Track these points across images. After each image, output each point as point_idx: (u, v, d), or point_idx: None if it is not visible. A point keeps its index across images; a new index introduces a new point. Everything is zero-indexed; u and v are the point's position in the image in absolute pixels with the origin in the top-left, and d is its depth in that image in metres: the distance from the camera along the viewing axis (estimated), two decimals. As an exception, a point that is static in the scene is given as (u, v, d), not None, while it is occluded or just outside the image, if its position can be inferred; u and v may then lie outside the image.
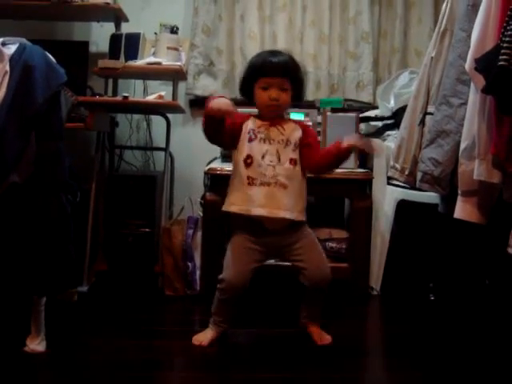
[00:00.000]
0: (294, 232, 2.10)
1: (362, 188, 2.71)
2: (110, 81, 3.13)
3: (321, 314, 2.22)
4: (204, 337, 2.11)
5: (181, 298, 2.70)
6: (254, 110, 2.15)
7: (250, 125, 2.08)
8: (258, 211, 2.02)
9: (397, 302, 2.73)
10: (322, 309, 2.21)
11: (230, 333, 2.17)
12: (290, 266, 2.40)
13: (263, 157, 2.03)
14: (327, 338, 2.16)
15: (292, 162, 2.06)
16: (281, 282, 2.78)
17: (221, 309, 2.13)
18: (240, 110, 2.73)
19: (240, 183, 2.05)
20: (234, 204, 2.07)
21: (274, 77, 2.02)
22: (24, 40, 1.87)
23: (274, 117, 2.09)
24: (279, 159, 2.04)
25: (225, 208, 2.10)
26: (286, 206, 2.04)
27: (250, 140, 2.05)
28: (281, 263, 2.54)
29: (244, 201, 2.04)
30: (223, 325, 2.14)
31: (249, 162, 2.03)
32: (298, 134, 2.10)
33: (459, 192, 1.96)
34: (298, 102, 2.17)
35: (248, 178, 2.03)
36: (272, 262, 2.53)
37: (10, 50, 1.79)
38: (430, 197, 2.52)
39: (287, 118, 2.16)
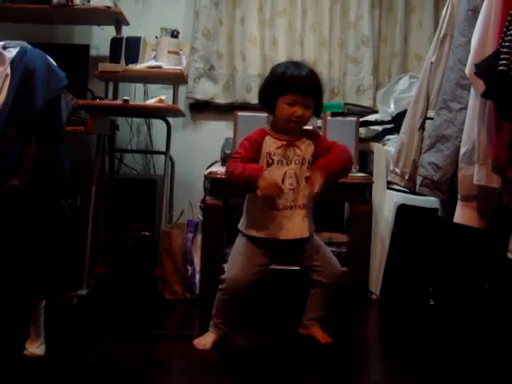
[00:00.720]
0: (303, 240, 2.12)
1: (361, 192, 2.71)
2: (111, 84, 3.13)
3: (322, 320, 2.23)
4: (206, 340, 2.11)
5: (180, 302, 2.69)
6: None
7: (267, 147, 2.05)
8: (284, 236, 2.06)
9: (396, 306, 2.73)
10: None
11: (229, 337, 2.17)
12: (290, 271, 2.41)
13: (283, 181, 2.03)
14: (330, 339, 2.19)
15: (308, 180, 2.06)
16: (281, 287, 2.78)
17: (221, 310, 2.13)
18: (241, 114, 2.77)
19: (262, 208, 2.06)
20: (260, 230, 2.06)
21: (302, 95, 1.99)
22: (25, 43, 1.88)
23: (291, 133, 2.07)
24: (298, 181, 2.05)
25: (250, 233, 2.09)
26: (307, 224, 2.10)
27: (268, 165, 2.04)
28: (281, 267, 2.55)
29: (269, 227, 2.05)
30: (223, 327, 2.14)
31: None
32: (311, 149, 2.09)
33: (459, 196, 1.96)
34: (316, 116, 2.22)
35: (270, 203, 2.04)
36: (272, 266, 2.54)
37: (11, 53, 1.80)
38: (430, 201, 2.52)
39: (303, 134, 2.11)
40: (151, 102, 2.90)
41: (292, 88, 1.98)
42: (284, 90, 1.99)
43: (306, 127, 2.12)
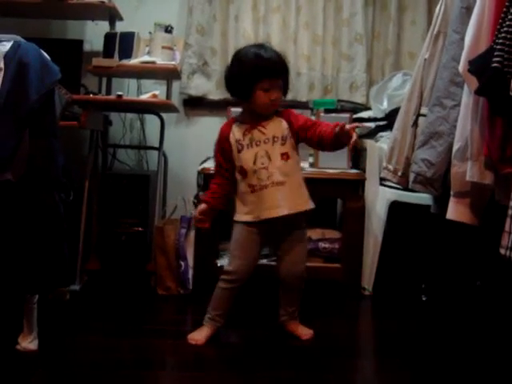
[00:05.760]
0: (294, 221, 2.14)
1: (354, 189, 2.72)
2: (104, 79, 3.13)
3: (298, 312, 2.25)
4: (200, 335, 2.12)
5: (173, 298, 2.70)
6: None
7: (235, 135, 2.12)
8: (266, 214, 2.08)
9: (389, 303, 2.74)
10: (300, 308, 2.25)
11: (222, 332, 2.18)
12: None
13: (255, 162, 2.08)
14: (310, 332, 2.21)
15: (284, 156, 2.10)
16: (273, 283, 2.78)
17: (221, 301, 2.16)
18: (234, 110, 2.78)
19: (244, 193, 2.12)
20: (246, 214, 2.12)
21: (277, 79, 2.05)
22: (19, 37, 1.87)
23: (262, 116, 2.11)
24: (270, 159, 2.08)
25: (239, 219, 2.15)
26: (286, 201, 2.09)
27: (239, 151, 2.11)
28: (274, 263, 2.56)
29: (252, 209, 2.11)
30: (220, 319, 2.16)
31: (243, 172, 2.10)
32: (284, 126, 2.12)
33: (451, 193, 1.97)
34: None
35: (249, 186, 2.09)
36: (265, 261, 2.57)
37: (5, 47, 1.79)
38: (423, 198, 2.53)
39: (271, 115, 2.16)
40: (145, 97, 2.89)
41: (267, 74, 2.03)
42: (259, 76, 2.03)
43: None
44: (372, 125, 3.07)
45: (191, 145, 3.41)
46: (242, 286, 2.15)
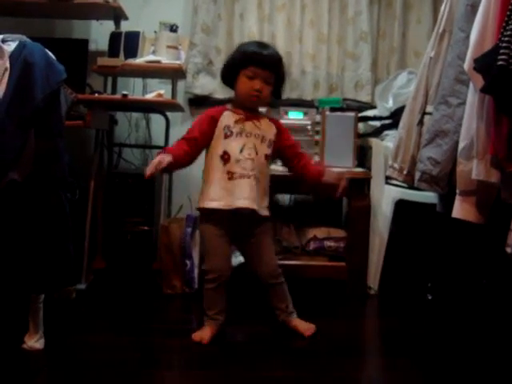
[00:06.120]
0: (256, 223, 2.16)
1: (360, 187, 2.72)
2: (110, 79, 3.13)
3: (292, 305, 2.25)
4: (204, 334, 2.12)
5: (179, 296, 2.70)
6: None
7: (225, 120, 2.12)
8: (240, 203, 2.08)
9: (394, 302, 2.74)
10: (292, 299, 2.26)
11: (227, 330, 2.18)
12: (285, 266, 2.42)
13: (241, 150, 2.10)
14: (312, 327, 2.21)
15: (266, 157, 2.15)
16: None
17: (212, 300, 2.16)
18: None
19: (219, 179, 2.11)
20: (215, 200, 2.11)
21: (263, 68, 2.07)
22: (24, 37, 1.88)
23: (251, 108, 2.15)
24: (257, 153, 2.11)
25: (204, 205, 2.14)
26: (259, 198, 2.12)
27: (226, 137, 2.11)
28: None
29: (225, 196, 2.09)
30: (218, 317, 2.16)
31: (226, 157, 2.10)
32: (273, 131, 2.19)
33: (457, 191, 1.97)
34: (276, 99, 2.26)
35: (228, 173, 2.09)
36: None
37: (10, 47, 1.80)
38: (428, 196, 2.52)
39: (263, 115, 2.22)
40: (150, 96, 2.90)
41: (253, 61, 2.07)
42: (245, 62, 2.07)
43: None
44: (377, 123, 3.07)
45: (196, 144, 3.40)
46: (227, 280, 2.14)
